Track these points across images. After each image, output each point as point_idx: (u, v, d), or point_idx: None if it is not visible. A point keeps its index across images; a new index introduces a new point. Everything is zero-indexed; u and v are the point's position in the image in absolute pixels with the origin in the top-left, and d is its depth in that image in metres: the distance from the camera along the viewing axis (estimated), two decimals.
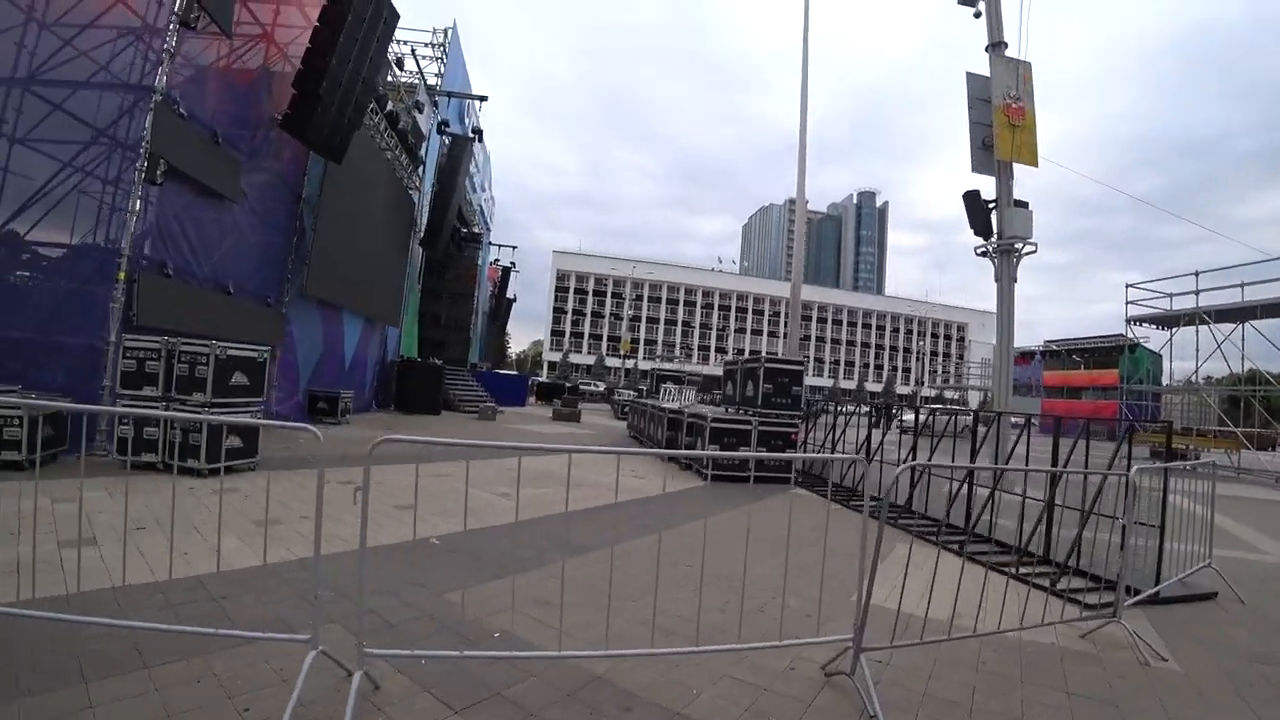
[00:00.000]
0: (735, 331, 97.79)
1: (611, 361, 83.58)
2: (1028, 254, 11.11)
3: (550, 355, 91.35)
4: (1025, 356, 54.46)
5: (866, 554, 2.93)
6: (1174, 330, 19.68)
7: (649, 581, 3.36)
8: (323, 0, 11.12)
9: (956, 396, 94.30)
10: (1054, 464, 5.60)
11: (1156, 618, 4.43)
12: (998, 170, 11.24)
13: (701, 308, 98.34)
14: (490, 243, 41.42)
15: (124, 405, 7.45)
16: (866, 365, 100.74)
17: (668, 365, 62.86)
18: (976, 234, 11.35)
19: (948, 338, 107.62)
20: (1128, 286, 19.37)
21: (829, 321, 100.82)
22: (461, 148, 22.10)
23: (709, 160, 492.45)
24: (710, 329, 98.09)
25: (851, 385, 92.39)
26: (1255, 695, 3.21)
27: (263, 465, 7.77)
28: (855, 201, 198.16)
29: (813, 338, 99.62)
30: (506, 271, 45.03)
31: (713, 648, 3.08)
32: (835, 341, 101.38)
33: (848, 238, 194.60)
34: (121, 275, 8.34)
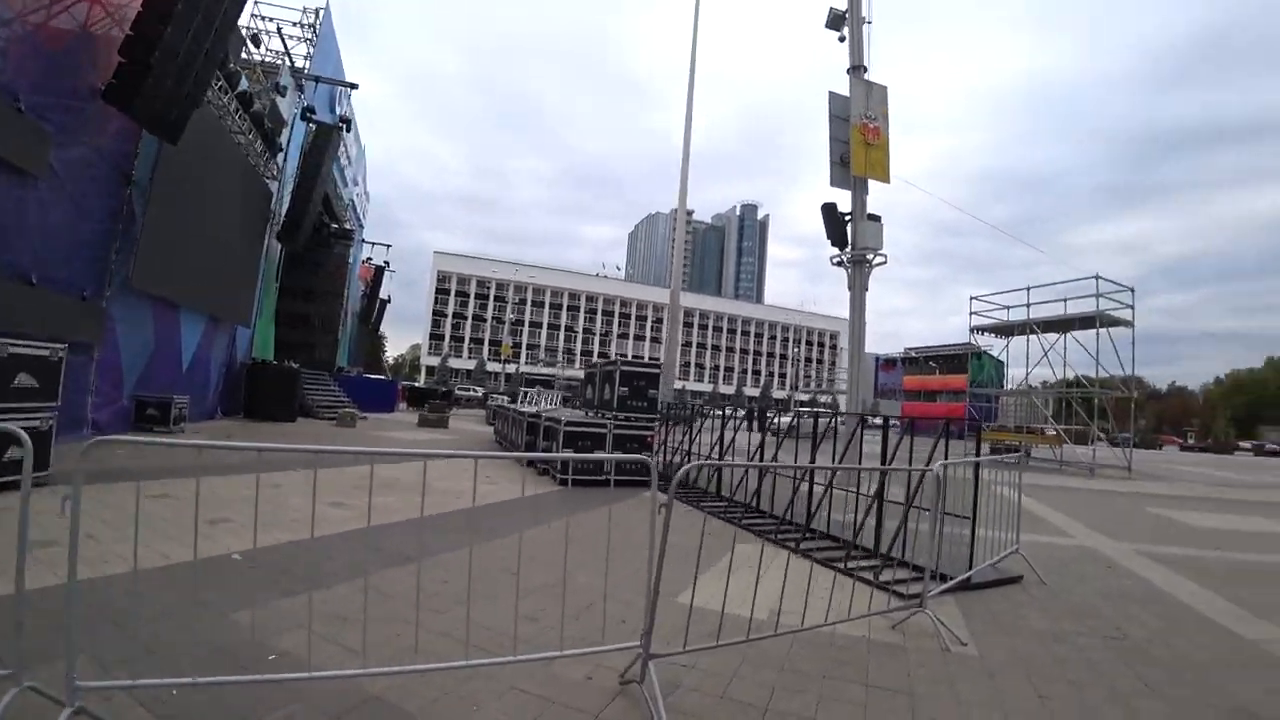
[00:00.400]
0: (618, 337, 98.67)
1: (494, 366, 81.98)
2: (878, 264, 11.88)
3: (429, 359, 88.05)
4: (890, 363, 58.90)
5: (655, 551, 2.92)
6: (1009, 339, 21.92)
7: (469, 591, 3.18)
8: None
9: (829, 400, 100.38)
10: (884, 462, 5.90)
11: (966, 603, 4.70)
12: (853, 185, 11.95)
13: (585, 313, 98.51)
14: (363, 240, 39.32)
15: None
16: (745, 371, 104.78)
17: (542, 370, 61.98)
18: (833, 244, 12.01)
19: (821, 345, 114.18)
20: (971, 299, 21.35)
21: (709, 328, 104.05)
22: (328, 137, 20.59)
23: (600, 168, 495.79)
24: (593, 334, 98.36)
25: (731, 390, 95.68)
26: (1041, 675, 3.43)
27: (59, 479, 6.78)
28: (738, 214, 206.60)
29: (694, 344, 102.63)
30: (380, 271, 42.79)
31: (483, 661, 2.94)
32: (715, 348, 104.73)
33: (730, 248, 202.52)
34: None
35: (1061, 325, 19.71)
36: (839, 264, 12.11)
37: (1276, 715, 3.09)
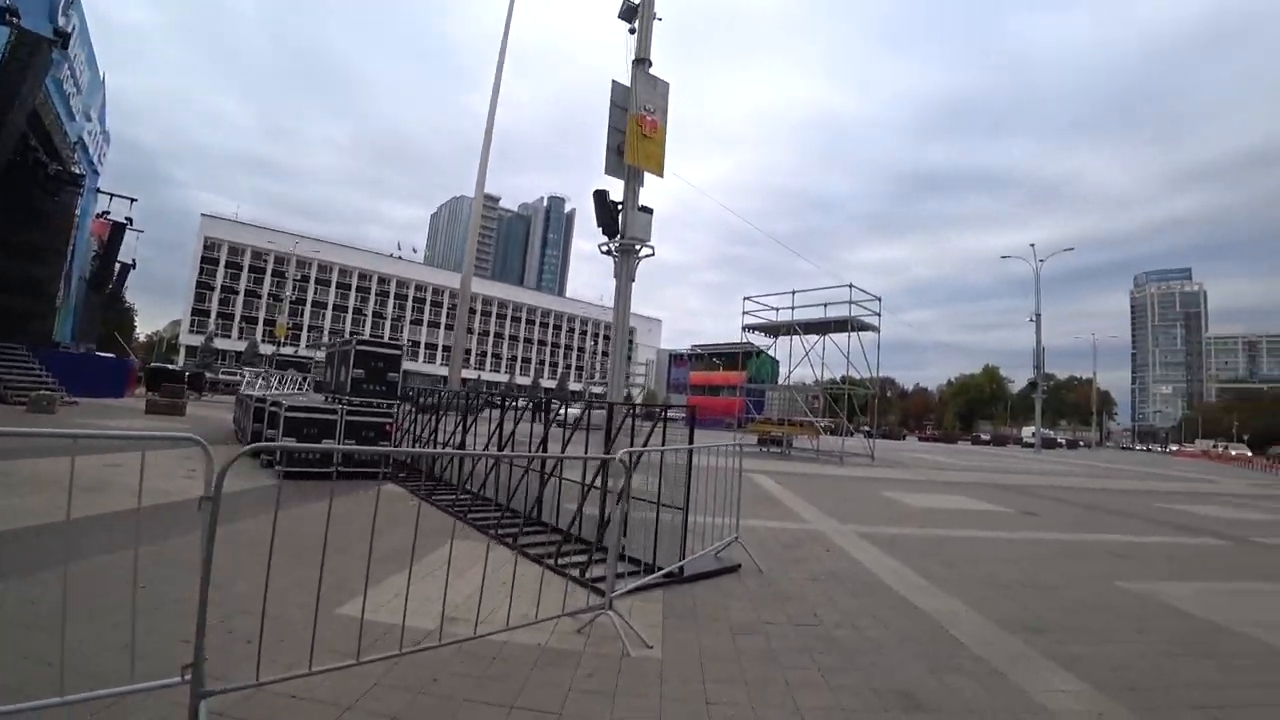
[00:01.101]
0: (411, 323, 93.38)
1: (270, 349, 72.97)
2: (645, 256, 12.02)
3: (190, 339, 76.35)
4: (682, 359, 62.20)
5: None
6: (776, 339, 23.80)
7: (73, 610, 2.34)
8: None
9: (625, 394, 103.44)
10: (607, 450, 5.73)
11: (674, 598, 4.63)
12: (626, 175, 11.96)
13: (377, 295, 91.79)
14: (98, 190, 32.25)
15: None
16: (544, 362, 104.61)
17: (294, 352, 56.22)
18: (604, 232, 11.94)
19: None
20: (745, 299, 22.78)
21: (508, 318, 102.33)
22: (34, 49, 16.21)
23: (406, 144, 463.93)
24: (385, 318, 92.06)
25: (528, 381, 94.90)
26: (719, 676, 3.31)
27: None
28: (545, 205, 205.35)
29: (491, 333, 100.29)
30: (119, 228, 34.56)
31: None
32: (514, 338, 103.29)
33: (535, 239, 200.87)
34: None
35: (820, 327, 21.78)
36: (607, 252, 12.07)
37: (933, 695, 3.22)
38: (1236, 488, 20.19)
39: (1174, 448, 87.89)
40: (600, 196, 12.14)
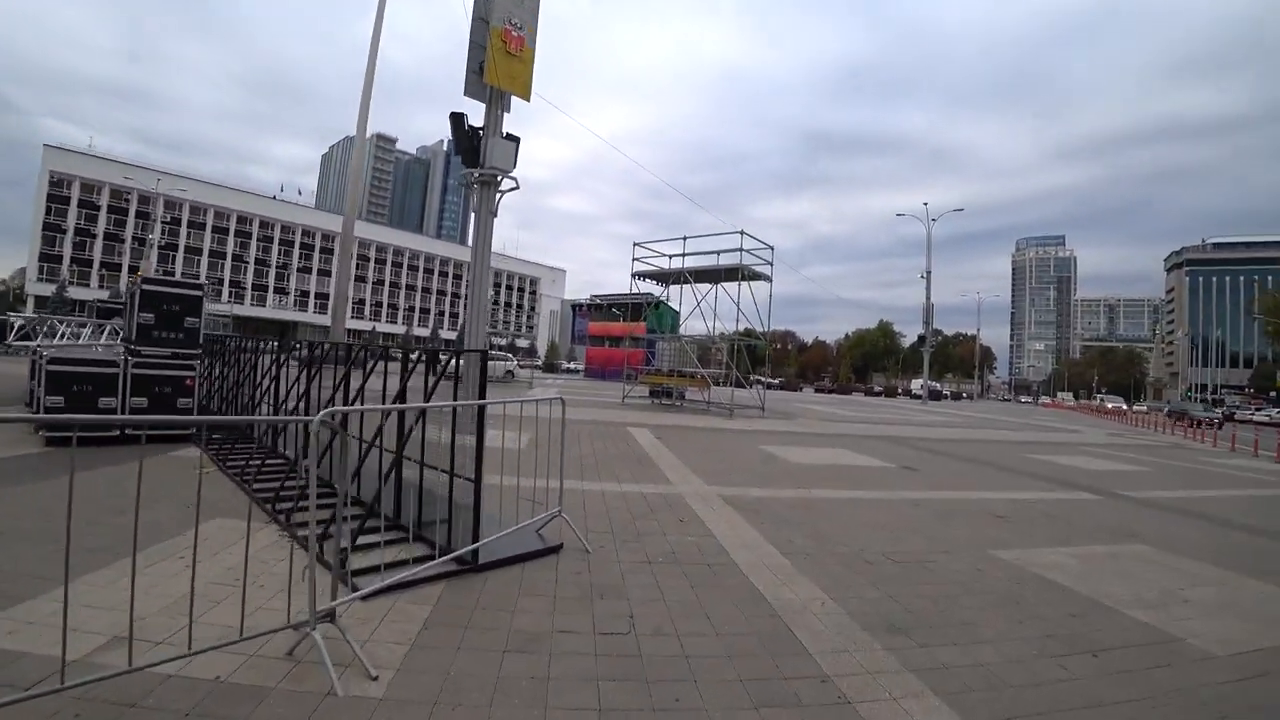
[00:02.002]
0: (300, 270, 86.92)
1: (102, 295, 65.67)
2: (509, 190, 10.75)
3: (38, 289, 67.62)
4: (584, 309, 60.99)
5: None
6: (667, 287, 22.89)
7: None
8: None
9: (528, 345, 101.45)
10: (404, 399, 4.57)
11: (457, 594, 3.66)
12: (489, 97, 10.52)
13: (260, 240, 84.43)
14: None
15: None
16: (443, 313, 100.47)
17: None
18: (464, 163, 10.53)
19: (521, 290, 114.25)
20: (635, 245, 21.60)
21: (404, 267, 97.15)
22: None
23: (295, 77, 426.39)
24: (269, 265, 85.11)
25: (426, 332, 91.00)
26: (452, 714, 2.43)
27: None
28: (446, 148, 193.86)
29: (386, 282, 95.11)
30: None
31: None
32: (411, 288, 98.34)
33: (435, 184, 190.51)
34: None
35: (712, 276, 21.00)
36: (467, 185, 10.72)
37: None
38: (1097, 438, 21.39)
39: (1045, 400, 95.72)
40: (457, 120, 10.61)
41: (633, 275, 21.67)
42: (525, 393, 23.95)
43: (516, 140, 10.91)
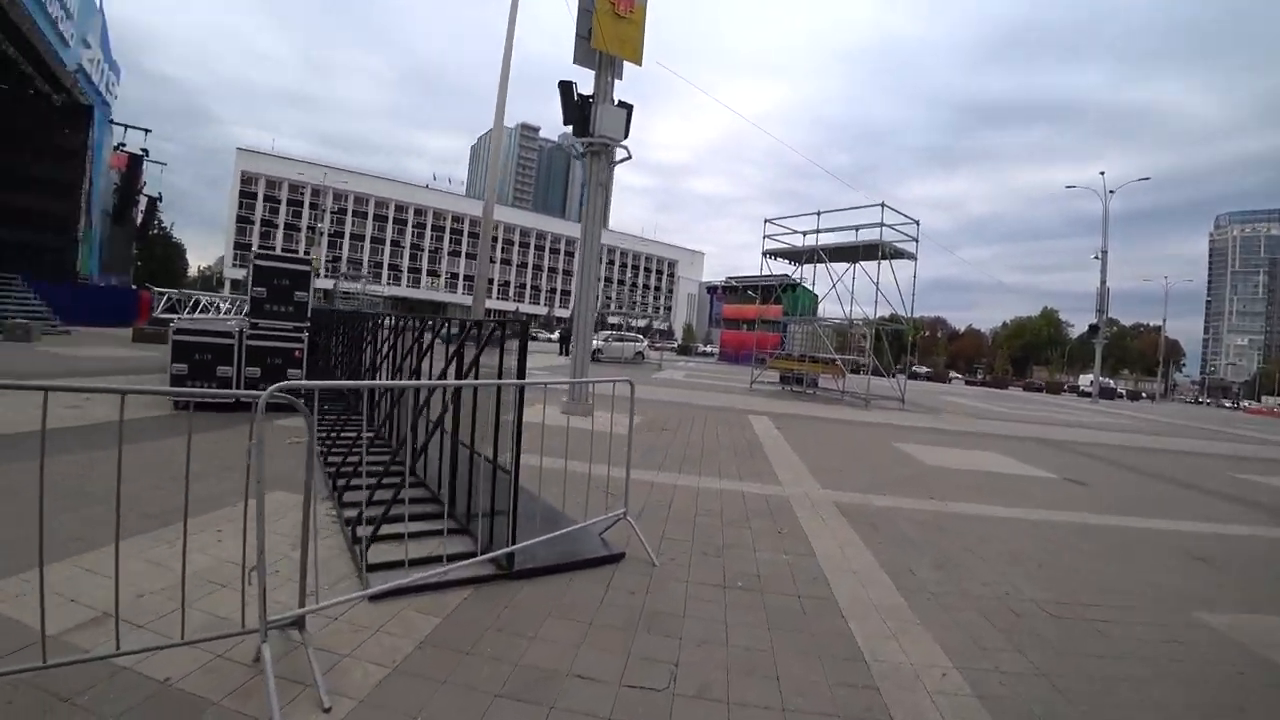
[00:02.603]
0: (449, 254, 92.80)
1: (323, 284, 73.24)
2: (621, 160, 10.15)
3: (233, 272, 77.32)
4: (717, 291, 59.87)
5: None
6: (800, 267, 21.38)
7: None
8: None
9: (666, 327, 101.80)
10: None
11: (478, 607, 3.09)
12: (597, 63, 9.95)
13: (414, 227, 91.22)
14: (112, 121, 31.86)
15: None
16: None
17: (345, 285, 55.90)
18: (574, 133, 10.07)
19: (660, 273, 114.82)
20: (765, 221, 20.30)
21: (546, 250, 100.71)
22: None
23: (446, 74, 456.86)
24: (422, 250, 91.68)
25: (566, 314, 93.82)
26: None
27: None
28: None
29: (529, 265, 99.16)
30: (138, 160, 34.89)
31: None
32: (553, 270, 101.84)
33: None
34: None
35: (850, 254, 19.30)
36: (579, 156, 10.23)
37: None
38: None
39: (1249, 404, 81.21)
40: (565, 89, 10.15)
41: (764, 254, 20.45)
42: (651, 375, 23.59)
43: (629, 108, 10.30)
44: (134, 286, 34.01)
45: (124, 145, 33.92)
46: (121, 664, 2.31)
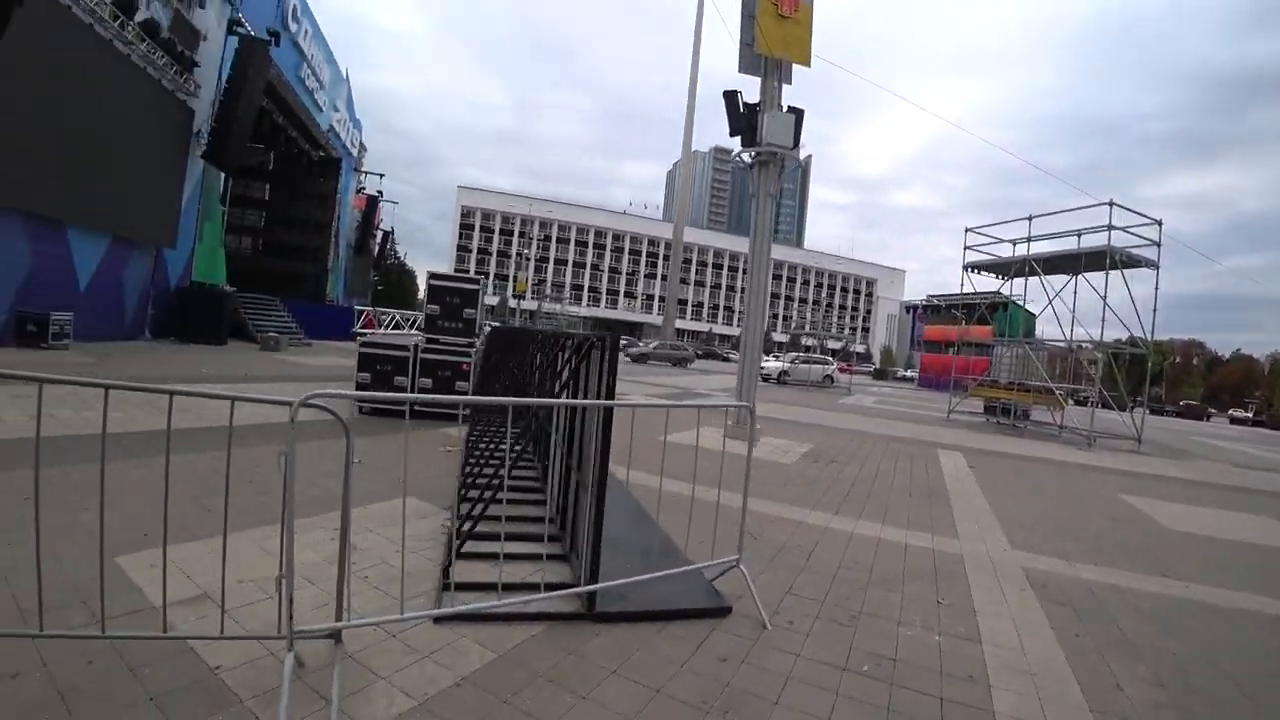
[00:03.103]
0: (645, 276, 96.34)
1: (528, 305, 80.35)
2: (791, 168, 9.52)
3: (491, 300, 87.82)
4: (918, 311, 55.37)
5: None
6: (1008, 280, 18.66)
7: None
8: None
9: (863, 349, 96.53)
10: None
11: (542, 646, 2.75)
12: (763, 68, 9.44)
13: (611, 251, 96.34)
14: (356, 169, 38.03)
15: None
16: (776, 316, 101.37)
17: (547, 306, 59.74)
18: (743, 143, 9.65)
19: (857, 292, 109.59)
20: (966, 231, 18.10)
21: (739, 271, 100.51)
22: (255, 52, 18.66)
23: (642, 104, 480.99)
24: (620, 273, 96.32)
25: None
26: None
27: None
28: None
29: (723, 286, 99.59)
30: (373, 201, 41.51)
31: None
32: (745, 290, 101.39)
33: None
34: None
35: (1069, 264, 16.47)
36: (746, 166, 9.77)
37: None
38: None
39: None
40: (730, 98, 9.80)
41: (964, 267, 18.27)
42: (836, 400, 22.21)
43: (798, 113, 9.65)
44: (366, 307, 39.77)
45: (364, 188, 40.11)
46: (193, 645, 2.47)
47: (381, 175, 40.37)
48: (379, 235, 45.43)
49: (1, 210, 12.40)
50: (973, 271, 18.56)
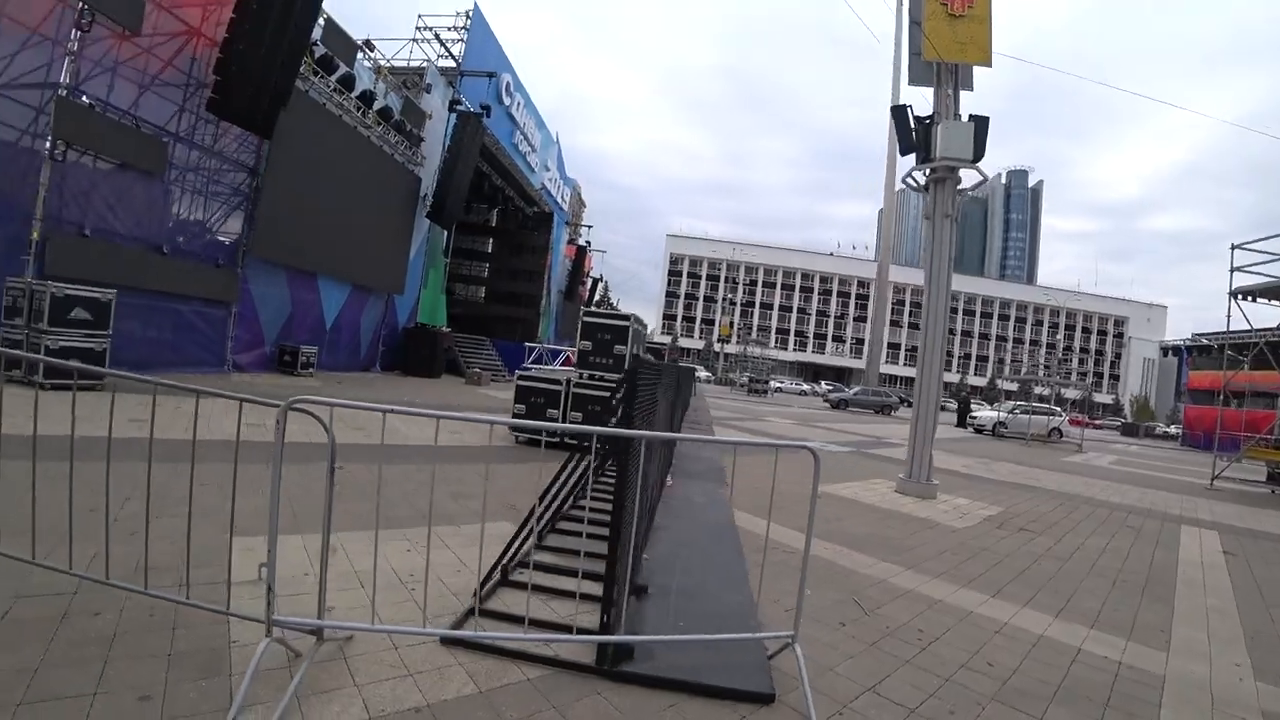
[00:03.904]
0: (855, 319, 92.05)
1: (731, 349, 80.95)
2: (974, 185, 8.28)
3: (661, 339, 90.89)
4: (1181, 353, 45.75)
5: None
6: None
7: None
8: None
9: (1110, 400, 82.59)
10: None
11: (527, 695, 2.47)
12: (935, 76, 8.39)
13: (819, 294, 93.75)
14: (569, 222, 41.64)
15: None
16: (1002, 360, 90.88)
17: (749, 350, 58.80)
18: (918, 160, 8.62)
19: (1103, 333, 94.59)
20: (1233, 248, 14.44)
21: (959, 312, 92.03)
22: (469, 125, 21.35)
23: (851, 142, 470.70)
24: (828, 315, 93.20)
25: (982, 381, 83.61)
26: None
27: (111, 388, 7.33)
28: (1004, 181, 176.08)
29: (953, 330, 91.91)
30: (582, 250, 45.06)
31: None
32: (967, 334, 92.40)
33: (995, 222, 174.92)
34: (35, 234, 9.76)
35: None
36: (917, 188, 8.70)
37: None
38: None
39: None
40: (899, 114, 8.82)
41: (1230, 294, 14.59)
42: (1060, 458, 18.95)
43: (980, 121, 8.41)
44: (567, 348, 42.73)
45: (575, 239, 43.43)
46: (231, 619, 2.73)
47: (589, 227, 43.67)
48: (589, 282, 48.93)
49: (272, 266, 15.27)
50: (1242, 299, 14.73)
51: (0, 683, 2.19)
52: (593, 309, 10.42)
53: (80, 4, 9.86)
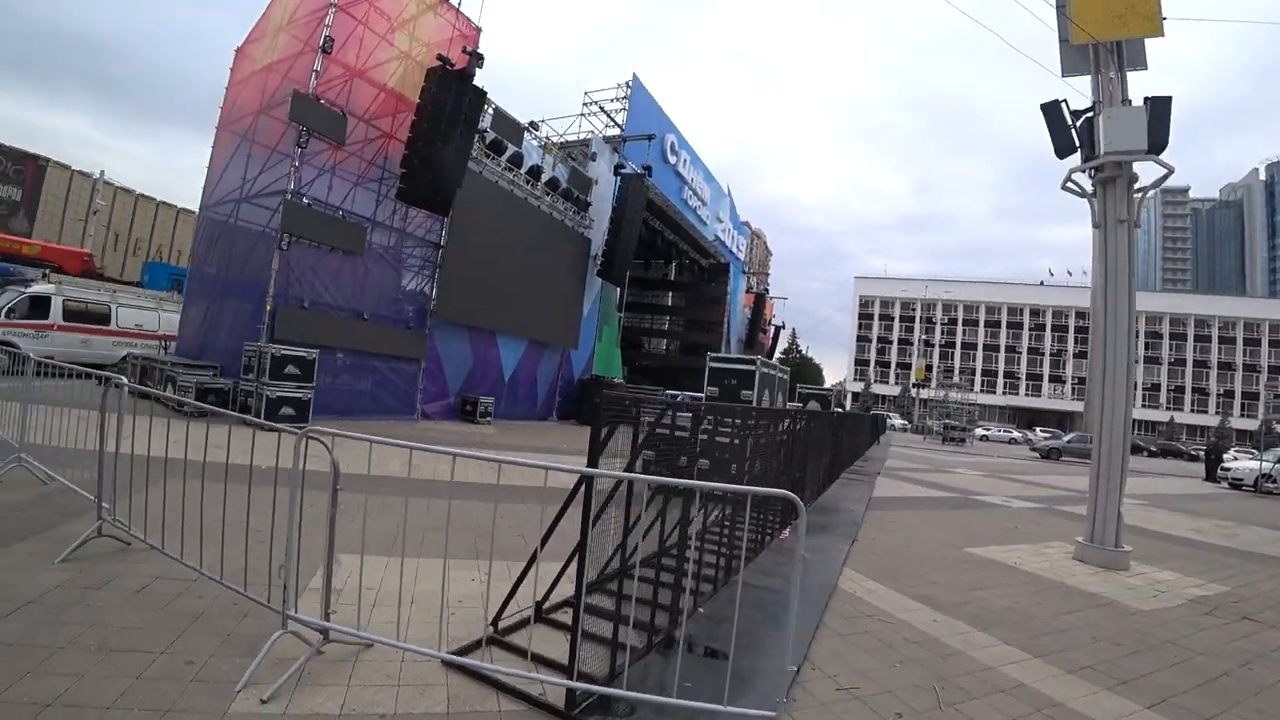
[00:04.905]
0: (1075, 355, 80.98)
1: (929, 394, 75.11)
2: (1157, 184, 6.97)
3: (853, 386, 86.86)
4: None
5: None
6: None
7: None
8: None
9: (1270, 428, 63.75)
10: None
11: None
12: (1092, 61, 7.27)
13: (1030, 329, 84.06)
14: (745, 271, 42.11)
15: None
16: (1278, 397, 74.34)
17: (948, 396, 53.54)
18: (1083, 158, 7.46)
19: None
20: None
21: (1213, 340, 77.21)
22: (633, 185, 22.57)
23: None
24: (1041, 353, 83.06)
25: (1250, 424, 68.69)
26: None
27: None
28: (1264, 178, 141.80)
29: (1188, 361, 77.49)
30: (760, 298, 45.07)
31: None
32: (1224, 365, 76.94)
33: (1255, 226, 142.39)
34: (268, 307, 12.29)
35: None
36: (1081, 192, 7.50)
37: None
38: None
39: None
40: (1051, 111, 7.76)
41: None
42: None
43: (1158, 102, 7.16)
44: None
45: (752, 288, 43.41)
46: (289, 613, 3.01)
47: (767, 274, 43.59)
48: (770, 329, 48.67)
49: (455, 326, 17.17)
50: None
51: (108, 634, 2.85)
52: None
53: (300, 128, 12.41)
